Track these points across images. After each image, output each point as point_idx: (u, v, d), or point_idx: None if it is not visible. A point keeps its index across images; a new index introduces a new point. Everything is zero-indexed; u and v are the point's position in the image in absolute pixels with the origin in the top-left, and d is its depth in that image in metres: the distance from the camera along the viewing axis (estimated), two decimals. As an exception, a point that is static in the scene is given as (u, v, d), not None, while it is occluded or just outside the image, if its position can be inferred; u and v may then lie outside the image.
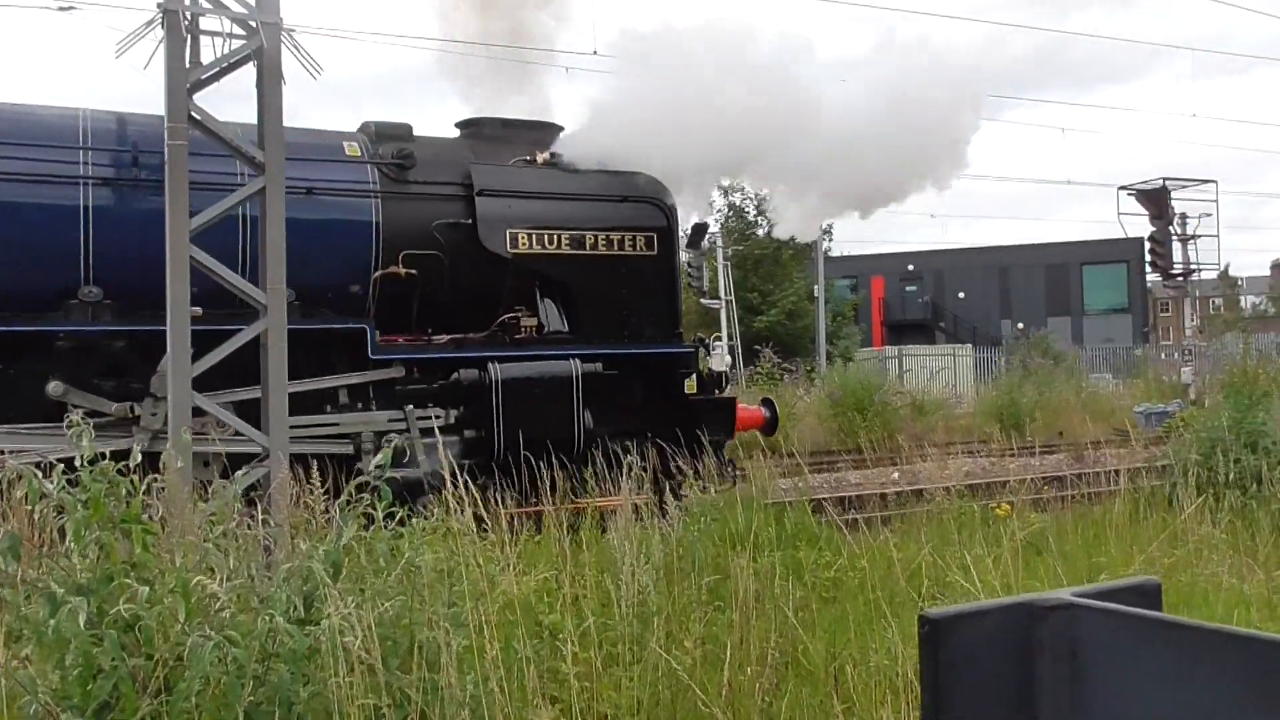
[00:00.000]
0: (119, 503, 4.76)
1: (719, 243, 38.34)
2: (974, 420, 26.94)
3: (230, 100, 9.35)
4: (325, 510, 5.83)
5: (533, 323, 12.58)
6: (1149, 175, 29.38)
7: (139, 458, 4.93)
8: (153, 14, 7.92)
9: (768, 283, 45.58)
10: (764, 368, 27.08)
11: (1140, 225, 31.83)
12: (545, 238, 12.66)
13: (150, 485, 5.04)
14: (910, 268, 64.12)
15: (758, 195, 41.59)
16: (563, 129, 14.13)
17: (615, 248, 13.09)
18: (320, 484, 5.48)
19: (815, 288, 36.60)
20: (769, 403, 14.88)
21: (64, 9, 19.56)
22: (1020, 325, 55.21)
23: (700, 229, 16.75)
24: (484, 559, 5.80)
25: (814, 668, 6.24)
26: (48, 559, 4.71)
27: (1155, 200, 30.30)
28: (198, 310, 10.64)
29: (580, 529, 8.29)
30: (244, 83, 8.44)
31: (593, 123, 13.96)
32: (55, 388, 9.97)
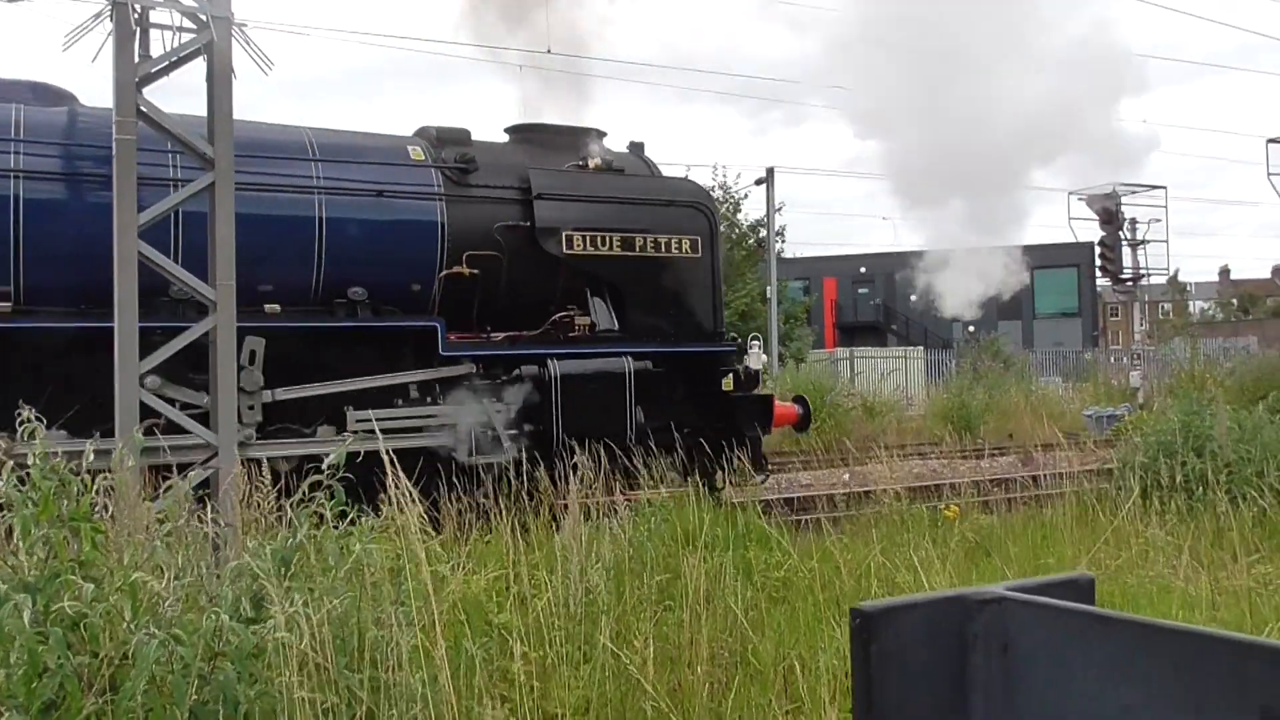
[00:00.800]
0: (70, 501, 4.72)
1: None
2: (925, 422, 27.11)
3: (182, 95, 9.32)
4: (276, 509, 5.81)
5: (586, 321, 13.15)
6: (1100, 180, 29.59)
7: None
8: (101, 6, 7.86)
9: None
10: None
11: (1091, 230, 32.16)
12: (598, 240, 13.19)
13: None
14: (863, 270, 64.35)
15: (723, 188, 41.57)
16: (605, 134, 14.68)
17: (662, 250, 13.67)
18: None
19: (768, 289, 36.64)
20: (802, 400, 15.40)
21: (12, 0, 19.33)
22: (971, 328, 55.51)
23: None
24: (433, 557, 5.79)
25: (763, 667, 6.26)
26: (-7, 557, 4.66)
27: (1106, 205, 30.59)
28: (276, 307, 11.41)
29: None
30: (195, 77, 8.39)
31: None
32: (152, 381, 10.13)
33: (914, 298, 61.88)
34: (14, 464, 4.83)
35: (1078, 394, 33.29)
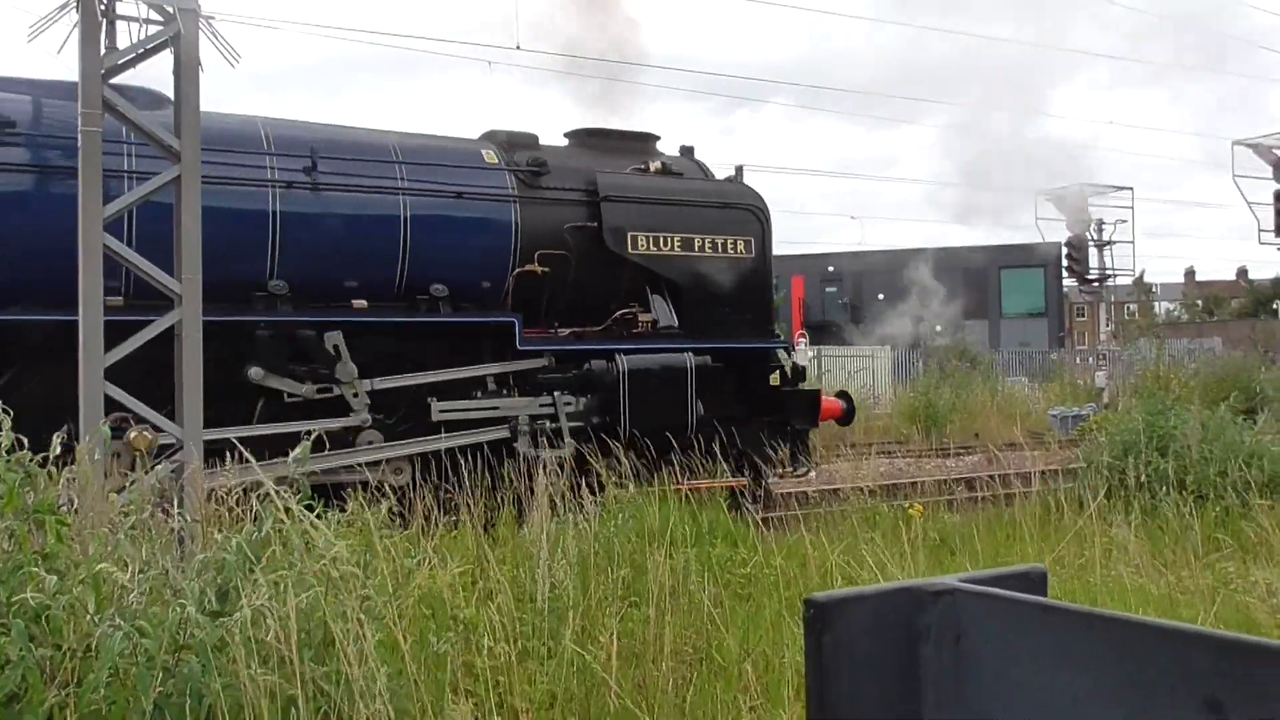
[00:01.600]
0: (36, 493, 4.71)
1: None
2: (891, 421, 27.17)
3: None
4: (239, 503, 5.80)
5: (648, 318, 13.77)
6: (1067, 180, 29.77)
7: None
8: (68, -3, 7.81)
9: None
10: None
11: (1058, 230, 32.34)
12: (660, 240, 13.84)
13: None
14: (831, 269, 64.44)
15: None
16: (659, 138, 15.52)
17: (719, 250, 14.30)
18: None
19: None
20: (845, 395, 16.03)
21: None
22: (938, 328, 55.68)
23: None
24: (400, 552, 5.79)
25: (727, 663, 6.28)
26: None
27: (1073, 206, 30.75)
28: (363, 302, 12.01)
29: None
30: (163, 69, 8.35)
31: None
32: (255, 373, 11.07)
33: (880, 296, 62.16)
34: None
35: (1043, 394, 33.46)
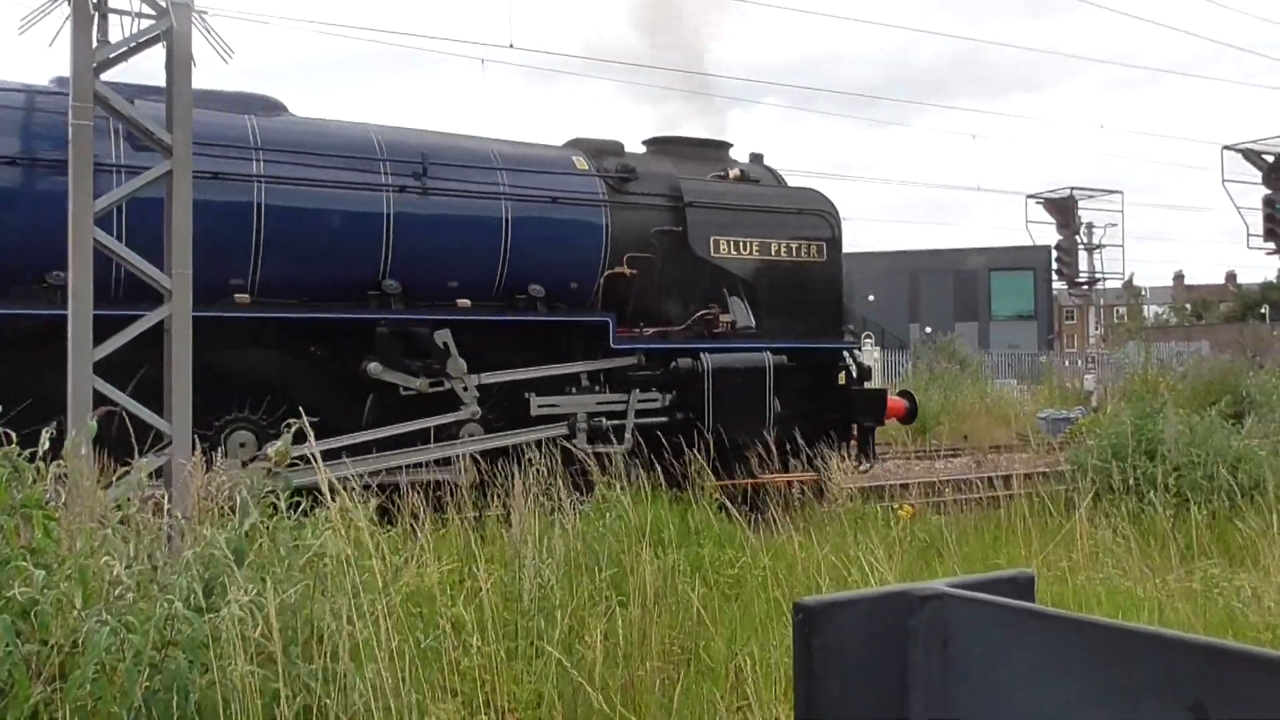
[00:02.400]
0: (23, 488, 4.70)
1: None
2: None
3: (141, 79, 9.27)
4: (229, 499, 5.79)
5: (728, 319, 14.25)
6: (1057, 184, 29.84)
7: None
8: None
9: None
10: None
11: (1048, 233, 32.42)
12: (740, 244, 14.52)
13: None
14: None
15: None
16: (731, 145, 16.14)
17: (794, 254, 15.00)
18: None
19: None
20: (908, 394, 16.53)
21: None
22: (928, 329, 55.77)
23: None
24: (388, 550, 5.78)
25: (714, 664, 6.29)
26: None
27: (1063, 209, 30.88)
28: (466, 301, 12.57)
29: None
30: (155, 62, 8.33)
31: None
32: (374, 368, 11.64)
33: (871, 297, 62.22)
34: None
35: (1032, 396, 33.50)
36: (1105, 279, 32.54)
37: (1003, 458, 18.11)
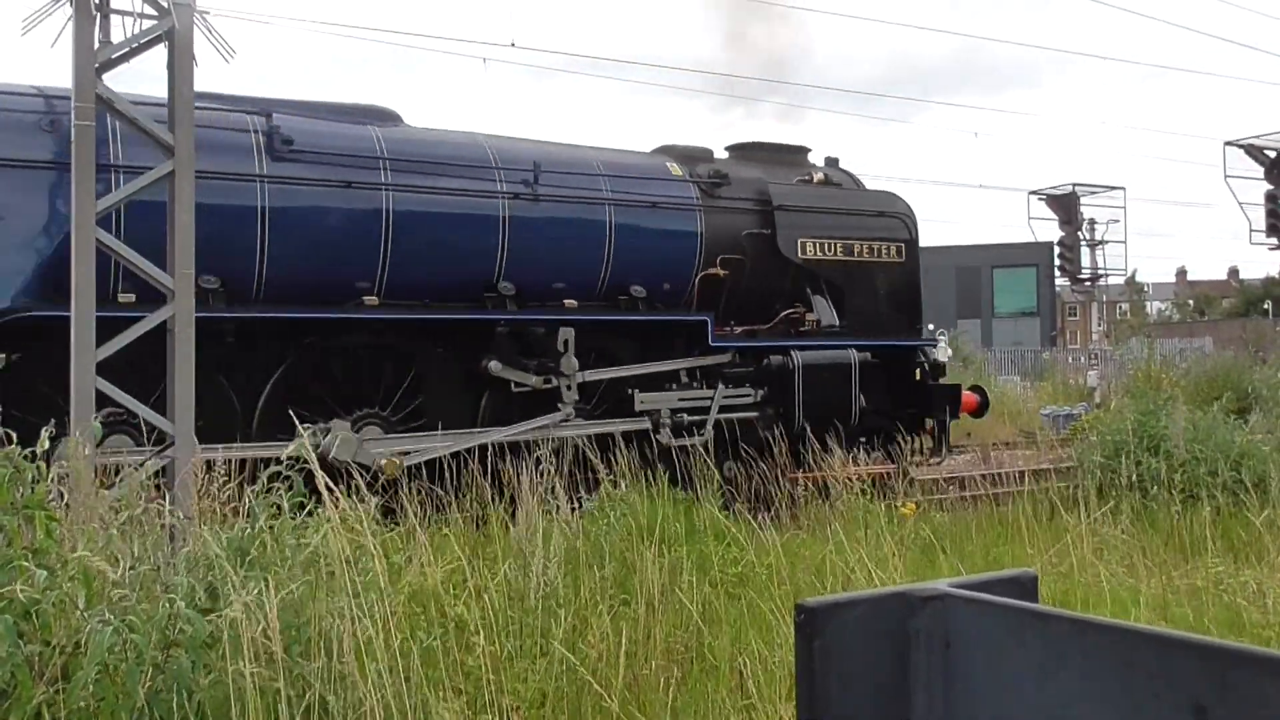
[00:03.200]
0: (25, 488, 4.70)
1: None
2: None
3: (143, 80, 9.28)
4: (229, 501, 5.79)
5: (814, 318, 14.89)
6: (1059, 181, 29.80)
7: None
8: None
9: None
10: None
11: (1050, 230, 32.39)
12: (825, 246, 15.15)
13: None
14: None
15: None
16: (810, 150, 16.80)
17: (875, 255, 15.66)
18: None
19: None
20: (979, 389, 17.20)
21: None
22: (931, 326, 55.64)
23: None
24: (390, 549, 5.78)
25: (718, 662, 6.28)
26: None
27: (1065, 205, 30.84)
28: (573, 302, 13.17)
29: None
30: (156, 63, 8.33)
31: None
32: (494, 366, 12.24)
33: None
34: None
35: (1036, 393, 33.45)
36: (1108, 275, 32.50)
37: (1006, 454, 18.10)
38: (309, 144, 11.59)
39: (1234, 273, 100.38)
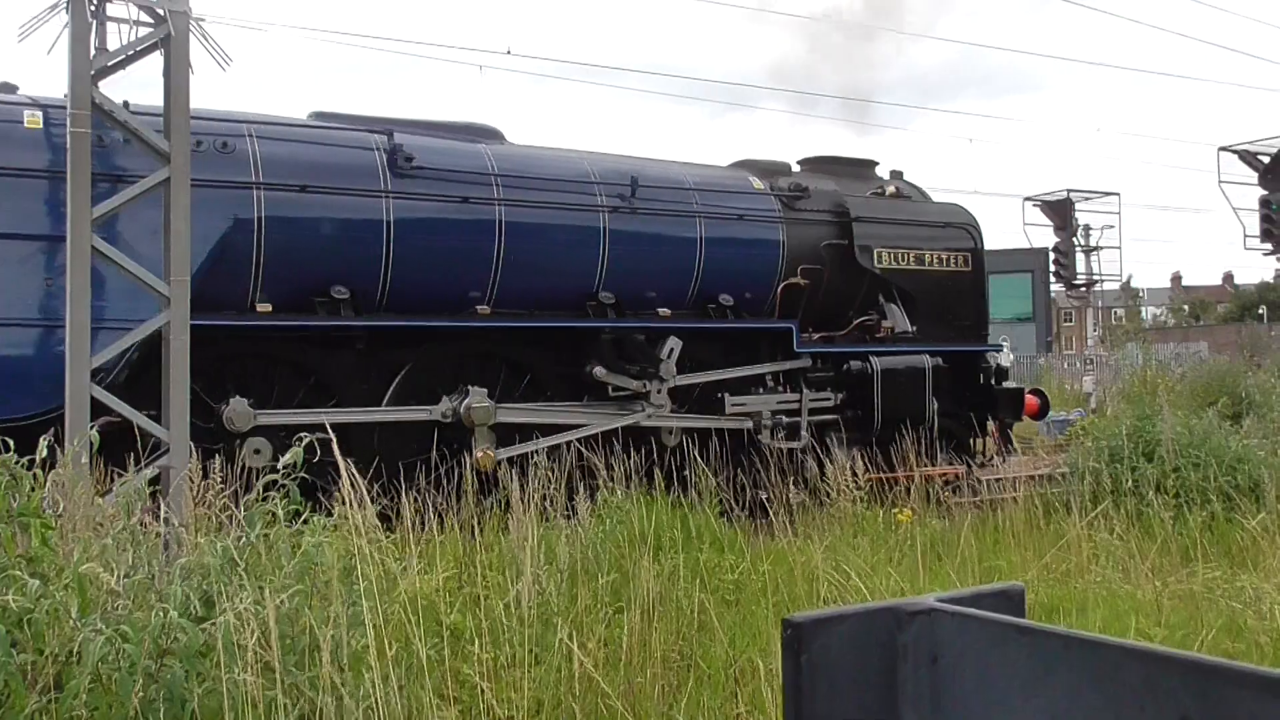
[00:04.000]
0: (21, 496, 4.69)
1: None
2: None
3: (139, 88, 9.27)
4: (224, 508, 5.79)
5: (888, 324, 15.51)
6: (1054, 187, 29.81)
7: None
8: (57, -1, 7.78)
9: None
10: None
11: (1045, 235, 32.41)
12: (899, 255, 15.80)
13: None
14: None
15: None
16: (877, 163, 17.53)
17: (944, 264, 16.31)
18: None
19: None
20: (1039, 392, 17.61)
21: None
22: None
23: None
24: (386, 556, 5.77)
25: (714, 670, 6.27)
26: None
27: (1060, 211, 30.86)
28: (667, 311, 13.74)
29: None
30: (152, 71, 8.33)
31: None
32: (599, 371, 12.88)
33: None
34: None
35: (1032, 398, 33.33)
36: (1103, 281, 32.55)
37: (1002, 459, 18.14)
38: (428, 161, 12.19)
39: (1229, 278, 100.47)
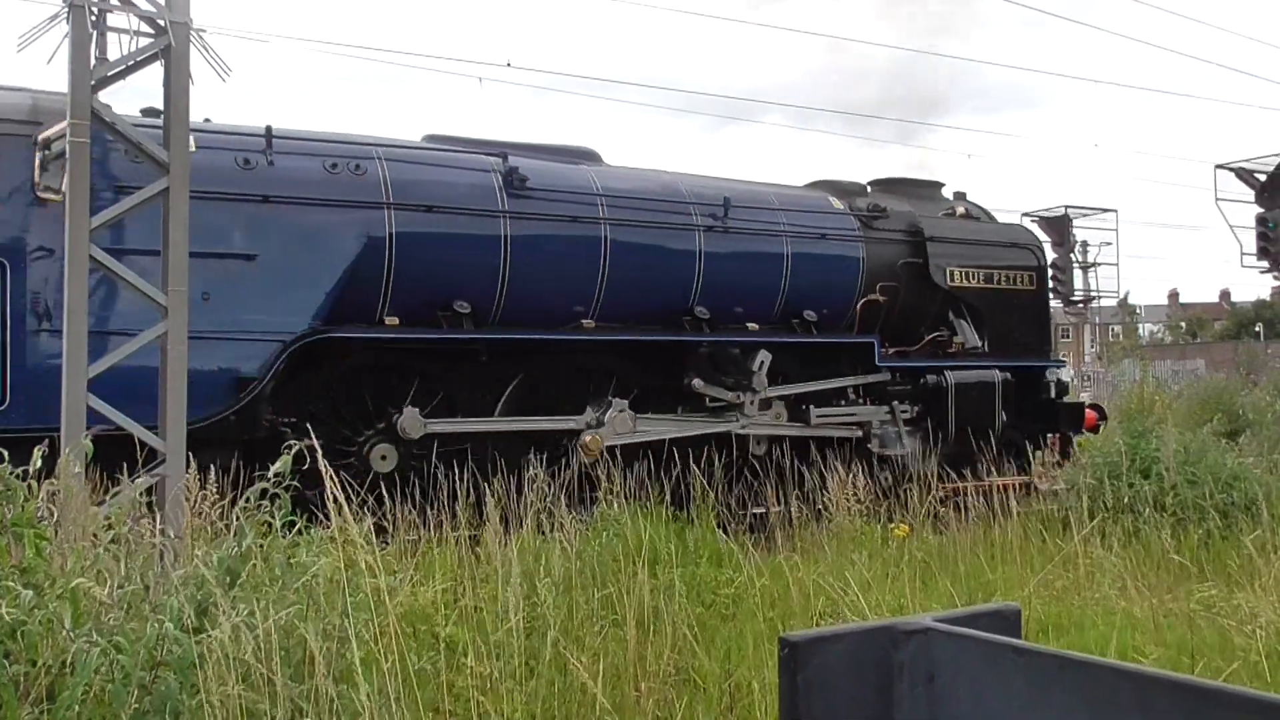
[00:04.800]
0: (15, 506, 4.68)
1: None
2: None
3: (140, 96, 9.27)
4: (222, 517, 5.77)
5: (959, 340, 16.12)
6: (1052, 203, 29.88)
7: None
8: (58, 8, 7.78)
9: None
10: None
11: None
12: (970, 274, 16.38)
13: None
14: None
15: None
16: (944, 185, 18.27)
17: (1011, 283, 16.90)
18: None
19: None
20: (1097, 407, 18.31)
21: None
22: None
23: None
24: (382, 569, 5.75)
25: (709, 685, 6.26)
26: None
27: (1057, 227, 30.85)
28: (755, 325, 14.30)
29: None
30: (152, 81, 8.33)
31: None
32: (697, 383, 13.45)
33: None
34: None
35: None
36: (1100, 297, 32.53)
37: (999, 475, 18.17)
38: (540, 183, 12.80)
39: (1225, 295, 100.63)
